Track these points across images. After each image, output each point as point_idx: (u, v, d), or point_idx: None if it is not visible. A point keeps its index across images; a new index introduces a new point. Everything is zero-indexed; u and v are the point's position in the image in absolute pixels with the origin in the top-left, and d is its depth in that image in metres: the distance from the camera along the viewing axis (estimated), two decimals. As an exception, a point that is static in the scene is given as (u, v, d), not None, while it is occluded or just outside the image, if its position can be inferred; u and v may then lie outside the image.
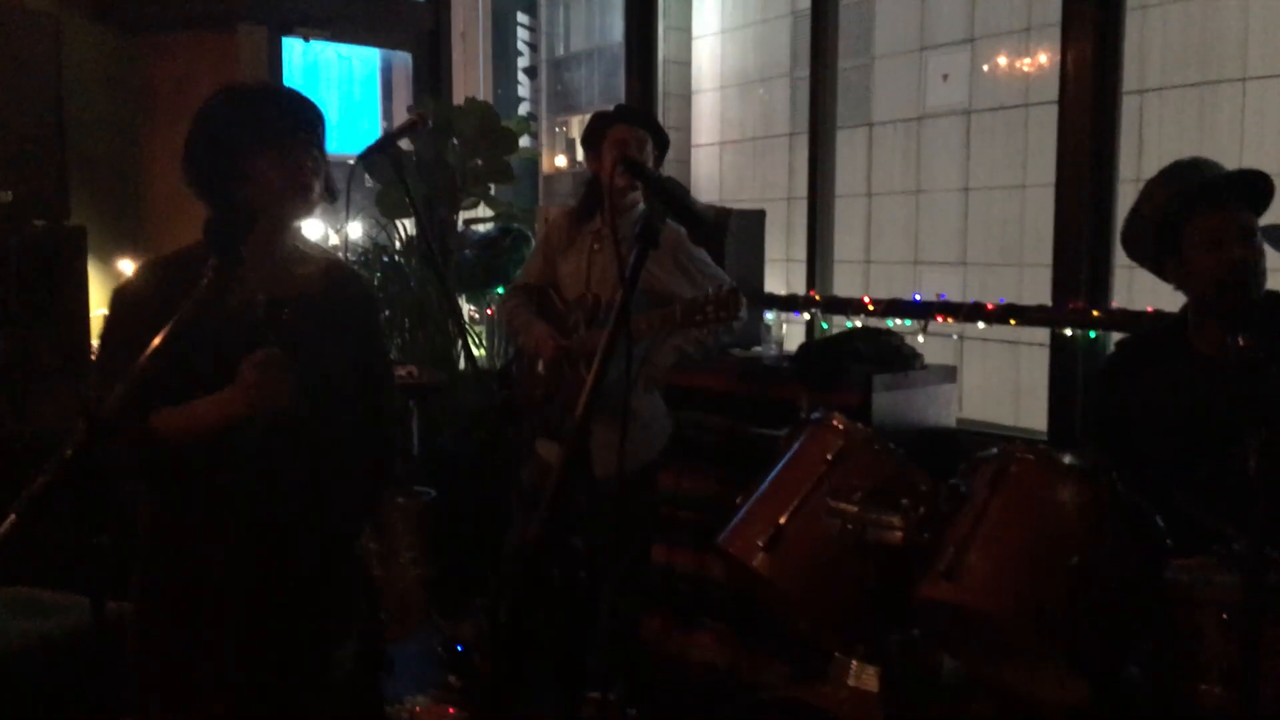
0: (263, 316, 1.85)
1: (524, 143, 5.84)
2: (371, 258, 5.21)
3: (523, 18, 7.86)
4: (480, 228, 5.53)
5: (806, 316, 4.46)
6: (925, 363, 3.80)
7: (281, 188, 1.95)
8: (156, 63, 5.02)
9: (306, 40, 5.42)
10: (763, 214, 4.38)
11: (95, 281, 4.35)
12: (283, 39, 5.27)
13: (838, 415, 2.37)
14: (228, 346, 1.84)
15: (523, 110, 7.69)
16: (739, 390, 3.88)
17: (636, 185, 3.15)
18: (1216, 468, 2.13)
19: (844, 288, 4.54)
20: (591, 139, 3.29)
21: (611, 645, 3.26)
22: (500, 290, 5.11)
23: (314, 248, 2.20)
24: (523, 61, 7.80)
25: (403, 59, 6.12)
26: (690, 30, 6.43)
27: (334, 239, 5.16)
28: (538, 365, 3.31)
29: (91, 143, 4.79)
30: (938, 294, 4.03)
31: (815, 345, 4.05)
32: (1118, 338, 3.38)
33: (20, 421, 4.02)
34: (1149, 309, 3.42)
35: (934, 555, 2.05)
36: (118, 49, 4.96)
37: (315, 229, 5.10)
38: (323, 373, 2.01)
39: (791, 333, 4.71)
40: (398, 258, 5.26)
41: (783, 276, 5.63)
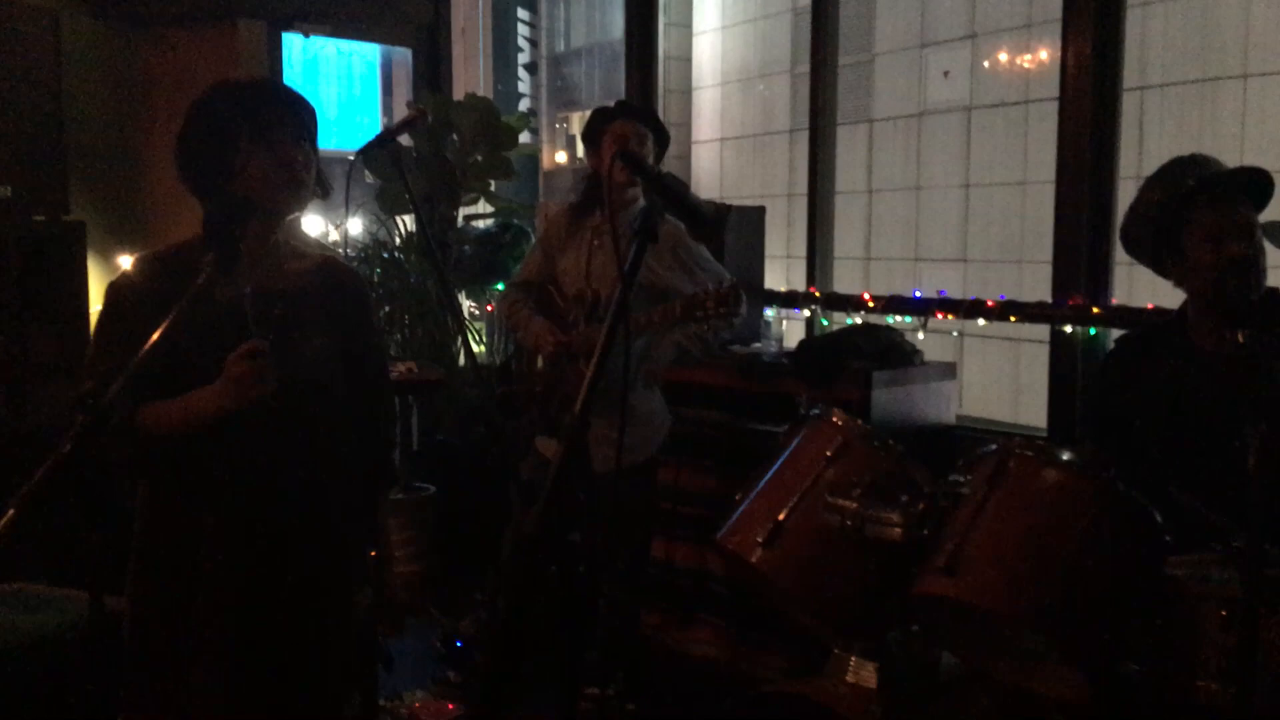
0: (249, 309, 1.85)
1: (524, 138, 5.83)
2: (371, 253, 5.20)
3: (523, 13, 7.84)
4: (480, 223, 5.52)
5: (806, 313, 4.46)
6: (925, 359, 3.81)
7: (274, 181, 1.95)
8: (156, 57, 5.01)
9: (306, 35, 5.41)
10: (763, 210, 4.37)
11: (94, 276, 4.35)
12: (282, 34, 5.26)
13: (837, 411, 2.37)
14: (217, 340, 1.83)
15: (523, 106, 7.68)
16: (739, 386, 3.88)
17: (636, 181, 3.14)
18: (1216, 463, 2.13)
19: (844, 284, 4.54)
20: (592, 135, 3.28)
21: (610, 640, 3.26)
22: (500, 286, 5.11)
23: (310, 243, 2.20)
24: (523, 57, 7.78)
25: (403, 54, 6.11)
26: (691, 26, 6.42)
27: (334, 234, 5.16)
28: (537, 361, 3.30)
29: (91, 137, 4.79)
30: (938, 290, 4.02)
31: (815, 341, 4.06)
32: (1118, 334, 3.37)
33: (19, 416, 4.02)
34: (1149, 305, 3.42)
35: (932, 551, 2.05)
36: (117, 44, 4.96)
37: (315, 225, 5.10)
38: (316, 368, 2.01)
39: (791, 329, 4.71)
40: (397, 253, 5.25)
41: (783, 273, 5.63)
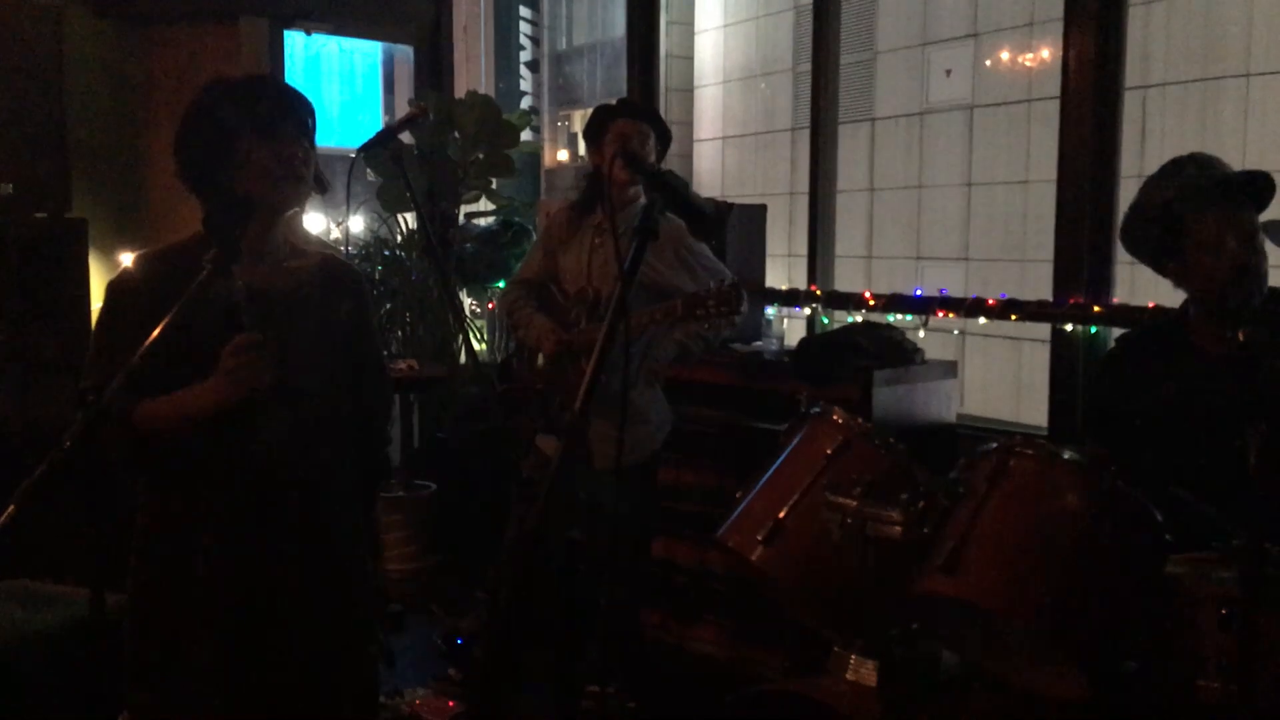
0: (246, 305, 1.85)
1: (525, 137, 5.84)
2: (372, 251, 5.21)
3: (525, 11, 7.84)
4: (481, 221, 5.52)
5: (807, 311, 4.46)
6: (926, 358, 3.80)
7: (273, 177, 1.95)
8: (158, 55, 5.02)
9: (308, 33, 5.42)
10: (764, 209, 4.37)
11: (96, 274, 4.34)
12: (284, 32, 5.26)
13: (838, 410, 2.37)
14: (216, 337, 1.84)
15: (524, 104, 7.69)
16: (739, 384, 3.88)
17: (637, 179, 3.14)
18: (1216, 463, 2.13)
19: (845, 283, 4.54)
20: (593, 133, 3.28)
21: (611, 638, 3.26)
22: (501, 284, 5.11)
23: (309, 241, 2.20)
24: (525, 55, 7.79)
25: (404, 52, 6.12)
26: (693, 25, 6.42)
27: (336, 232, 5.16)
28: (538, 359, 3.30)
29: (93, 135, 4.79)
30: (939, 289, 4.02)
31: (816, 340, 4.05)
32: (1119, 333, 3.37)
33: (21, 413, 4.02)
34: (1150, 304, 3.42)
35: (933, 549, 2.05)
36: (120, 41, 4.96)
37: (317, 222, 5.10)
38: (314, 364, 2.01)
39: (792, 327, 4.71)
40: (399, 251, 5.26)
41: (784, 271, 5.64)
